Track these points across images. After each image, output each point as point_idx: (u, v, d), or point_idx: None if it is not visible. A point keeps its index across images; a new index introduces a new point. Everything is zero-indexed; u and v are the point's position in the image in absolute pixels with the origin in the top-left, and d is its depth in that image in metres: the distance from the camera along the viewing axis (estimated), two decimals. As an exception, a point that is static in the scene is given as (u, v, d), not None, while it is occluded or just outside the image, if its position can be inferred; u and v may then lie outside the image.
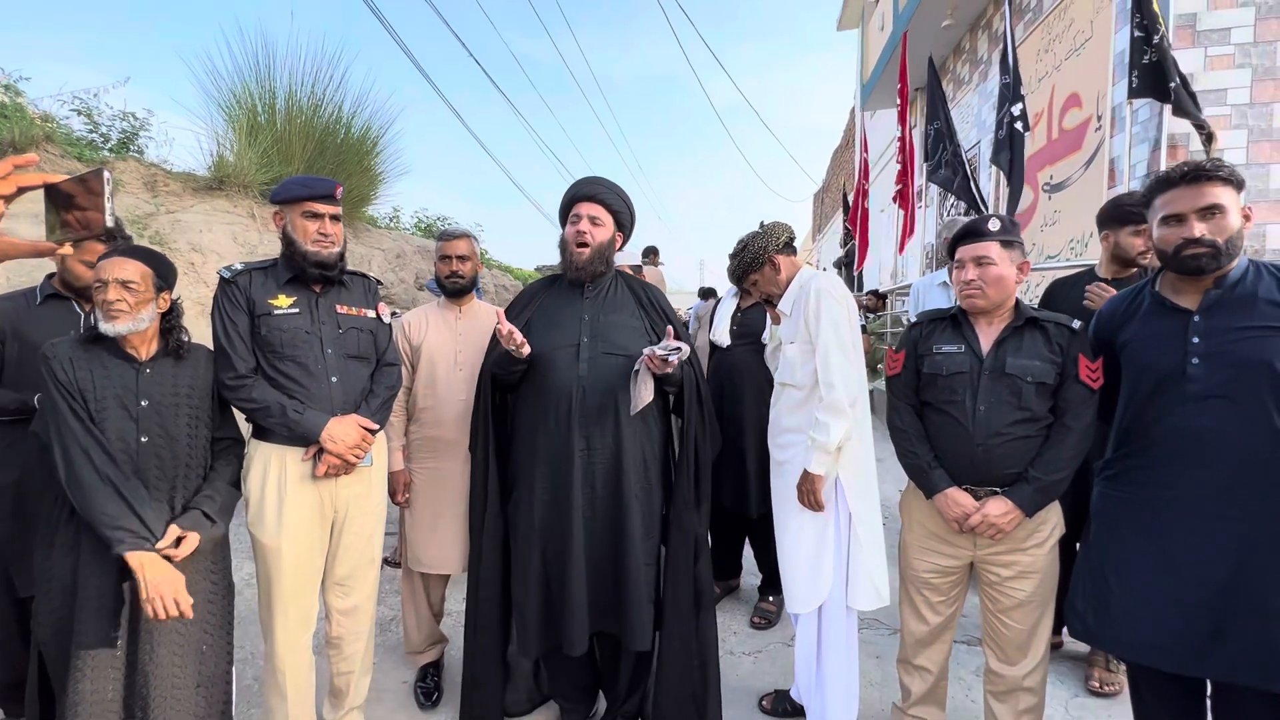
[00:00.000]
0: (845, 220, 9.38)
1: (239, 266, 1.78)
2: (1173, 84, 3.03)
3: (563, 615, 1.79)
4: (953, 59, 7.31)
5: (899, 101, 5.64)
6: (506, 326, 1.73)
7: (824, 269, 16.47)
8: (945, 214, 7.48)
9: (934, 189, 7.35)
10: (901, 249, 6.16)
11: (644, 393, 1.71)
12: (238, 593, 1.78)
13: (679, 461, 1.93)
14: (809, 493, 1.90)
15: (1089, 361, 1.66)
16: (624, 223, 1.97)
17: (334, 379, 1.79)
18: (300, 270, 1.76)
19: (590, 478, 1.81)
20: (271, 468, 1.73)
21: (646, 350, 1.70)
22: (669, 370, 1.72)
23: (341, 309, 1.85)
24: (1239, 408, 1.39)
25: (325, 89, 6.51)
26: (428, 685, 2.27)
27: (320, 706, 1.99)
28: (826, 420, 1.84)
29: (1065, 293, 2.37)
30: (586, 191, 1.92)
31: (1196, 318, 1.47)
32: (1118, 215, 2.24)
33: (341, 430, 1.73)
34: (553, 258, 2.02)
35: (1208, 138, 3.12)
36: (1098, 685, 2.28)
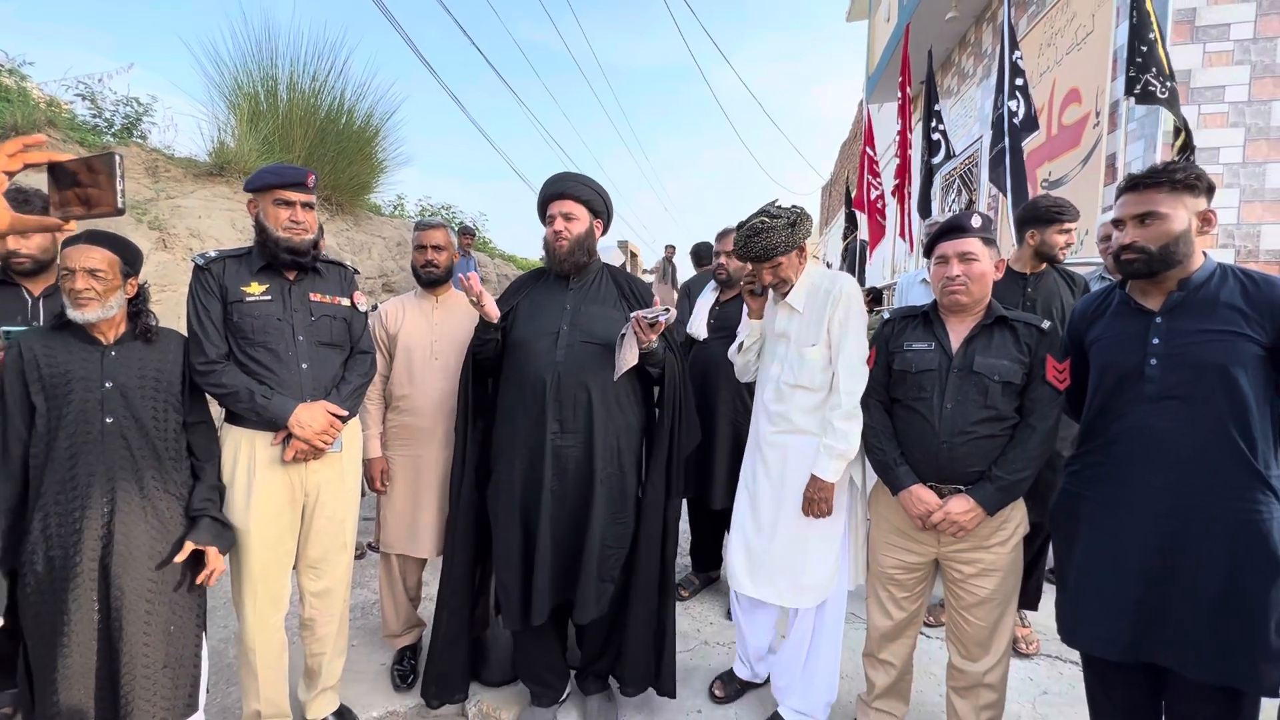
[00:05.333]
0: (846, 214, 9.31)
1: (213, 254, 1.80)
2: (1142, 77, 3.02)
3: (530, 587, 1.89)
4: (958, 51, 7.21)
5: (900, 95, 5.58)
6: (468, 282, 1.85)
7: (829, 263, 16.38)
8: (947, 210, 7.41)
9: (934, 185, 7.27)
10: (911, 246, 6.11)
11: (628, 355, 1.79)
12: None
13: (654, 449, 1.99)
14: (820, 500, 1.84)
15: (1056, 362, 1.66)
16: (599, 210, 2.03)
17: (304, 365, 1.81)
18: (273, 257, 1.78)
19: (561, 459, 1.89)
20: (242, 451, 1.76)
21: (634, 314, 1.76)
22: (654, 337, 1.79)
23: (315, 297, 1.87)
24: (1192, 409, 1.39)
25: (326, 76, 6.52)
26: (404, 668, 2.31)
27: (295, 687, 2.03)
28: (845, 428, 1.81)
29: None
30: (556, 191, 2.00)
31: (1158, 319, 1.46)
32: (1043, 216, 2.38)
33: (309, 416, 1.75)
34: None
35: (1183, 144, 3.07)
36: (1024, 646, 2.48)
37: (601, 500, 1.89)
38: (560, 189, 1.98)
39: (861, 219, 7.67)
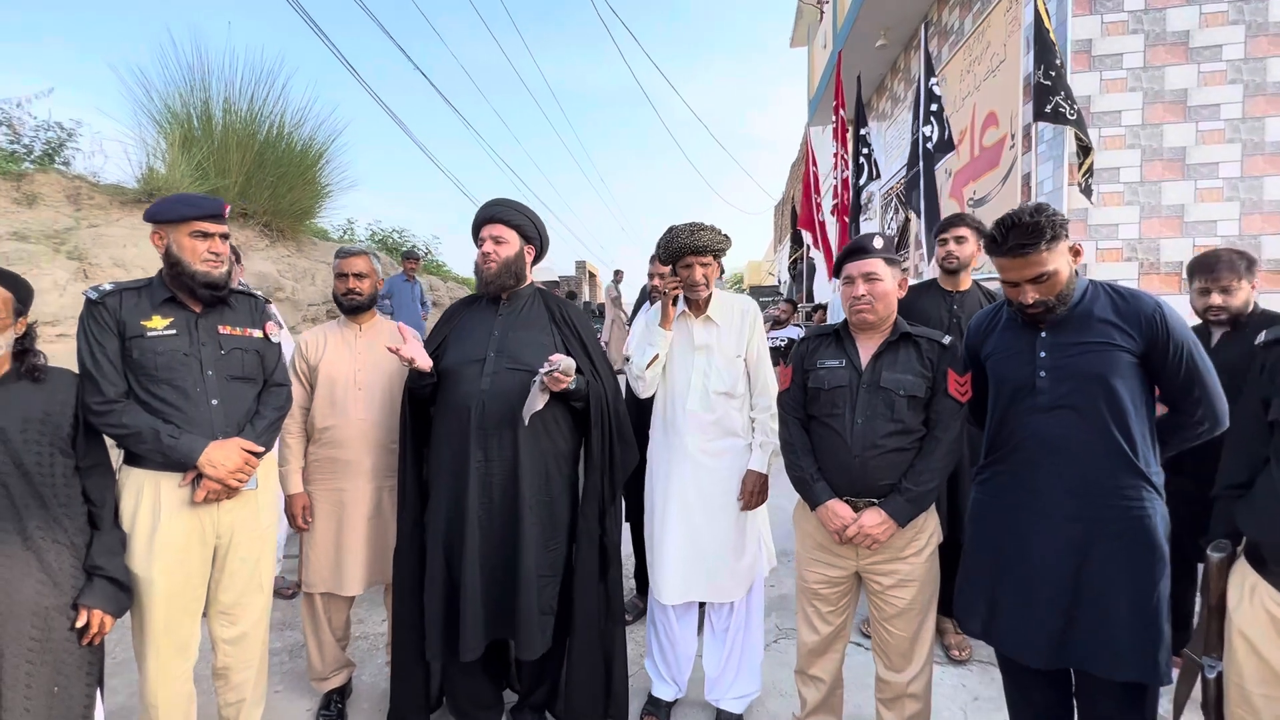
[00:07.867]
0: (792, 233, 9.55)
1: (108, 287, 1.73)
2: (1053, 99, 3.22)
3: (460, 621, 1.85)
4: (890, 77, 7.55)
5: (834, 119, 5.80)
6: (395, 345, 1.85)
7: (783, 280, 16.77)
8: (886, 227, 7.69)
9: (875, 203, 7.55)
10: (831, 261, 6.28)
11: (535, 403, 1.80)
12: (123, 630, 1.73)
13: (588, 475, 1.99)
14: (763, 491, 2.10)
15: (958, 376, 1.73)
16: (530, 235, 2.07)
17: (215, 401, 1.75)
18: (188, 291, 1.74)
19: (487, 488, 1.88)
20: (145, 495, 1.68)
21: (541, 369, 1.78)
22: (563, 386, 1.79)
23: (224, 329, 1.81)
24: (1081, 417, 1.48)
25: (264, 101, 6.41)
26: (330, 713, 2.22)
27: (209, 740, 1.93)
28: (774, 425, 2.08)
29: (912, 300, 2.49)
30: (486, 215, 2.04)
31: (1044, 334, 1.55)
32: (935, 232, 2.65)
33: (222, 454, 1.69)
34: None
35: (1083, 150, 3.29)
36: (956, 653, 2.56)
37: (531, 528, 1.87)
38: (490, 214, 2.03)
39: (809, 237, 7.86)
